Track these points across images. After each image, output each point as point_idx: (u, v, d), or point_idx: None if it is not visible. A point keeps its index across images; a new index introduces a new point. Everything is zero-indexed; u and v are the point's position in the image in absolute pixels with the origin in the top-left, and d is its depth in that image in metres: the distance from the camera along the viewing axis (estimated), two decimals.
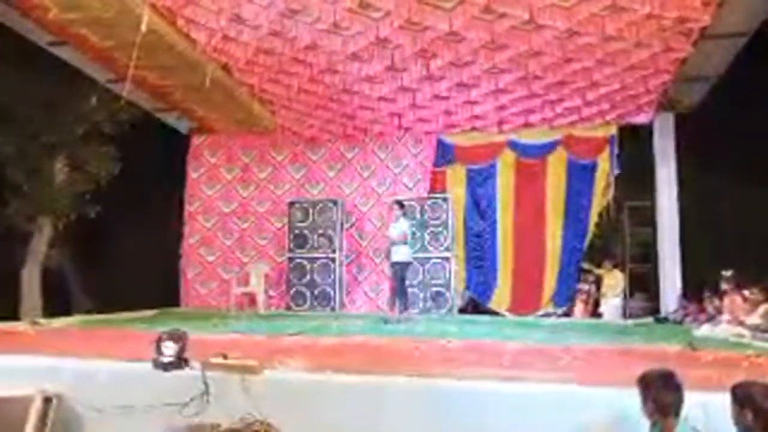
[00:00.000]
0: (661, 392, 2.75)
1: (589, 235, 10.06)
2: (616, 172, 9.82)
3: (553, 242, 10.09)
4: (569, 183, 10.08)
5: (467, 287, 10.33)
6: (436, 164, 10.44)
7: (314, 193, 10.67)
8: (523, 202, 10.24)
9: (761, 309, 6.55)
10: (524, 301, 10.02)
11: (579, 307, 9.94)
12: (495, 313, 9.94)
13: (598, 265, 10.22)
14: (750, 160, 11.02)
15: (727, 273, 7.47)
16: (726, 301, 7.30)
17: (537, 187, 10.18)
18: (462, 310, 10.03)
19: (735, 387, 2.69)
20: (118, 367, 4.07)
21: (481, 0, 6.29)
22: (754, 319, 6.52)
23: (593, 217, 10.03)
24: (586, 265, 10.06)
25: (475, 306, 10.32)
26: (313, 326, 7.13)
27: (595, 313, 9.94)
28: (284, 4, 6.59)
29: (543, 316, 9.72)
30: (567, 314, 9.89)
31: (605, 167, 9.94)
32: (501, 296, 10.18)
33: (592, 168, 9.99)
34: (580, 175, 10.04)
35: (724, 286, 7.40)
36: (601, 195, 10.01)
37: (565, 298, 9.98)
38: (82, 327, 7.01)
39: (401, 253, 8.21)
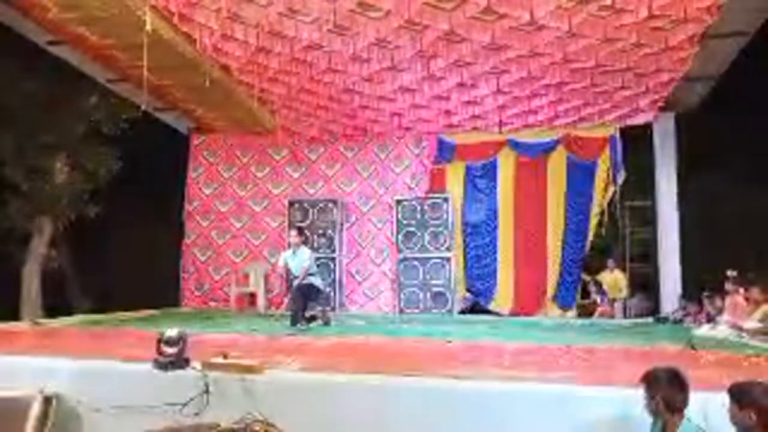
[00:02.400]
0: (670, 389, 2.76)
1: (590, 237, 10.03)
2: (623, 174, 9.79)
3: (554, 242, 10.07)
4: (569, 182, 10.06)
5: (468, 289, 10.31)
6: (437, 162, 10.43)
7: (312, 192, 10.67)
8: (524, 200, 10.20)
9: (760, 311, 6.54)
10: (526, 302, 10.00)
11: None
12: (496, 314, 9.93)
13: (599, 270, 10.19)
14: (750, 160, 11.04)
15: (733, 273, 7.45)
16: (728, 301, 7.29)
17: (537, 185, 10.15)
18: (462, 312, 10.01)
19: (735, 387, 2.69)
20: (118, 367, 4.06)
21: (481, 1, 6.29)
22: (754, 320, 6.51)
23: (593, 218, 10.00)
24: (587, 277, 10.01)
25: (476, 307, 10.30)
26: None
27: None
28: (284, 4, 6.59)
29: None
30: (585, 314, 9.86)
31: (605, 167, 9.92)
32: (502, 297, 10.16)
33: (592, 168, 9.98)
34: (580, 175, 10.02)
35: (728, 286, 7.38)
36: (601, 195, 9.99)
37: (566, 300, 9.95)
38: (82, 327, 7.01)
39: (307, 280, 7.17)
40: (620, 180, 9.80)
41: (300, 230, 7.86)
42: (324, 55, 7.62)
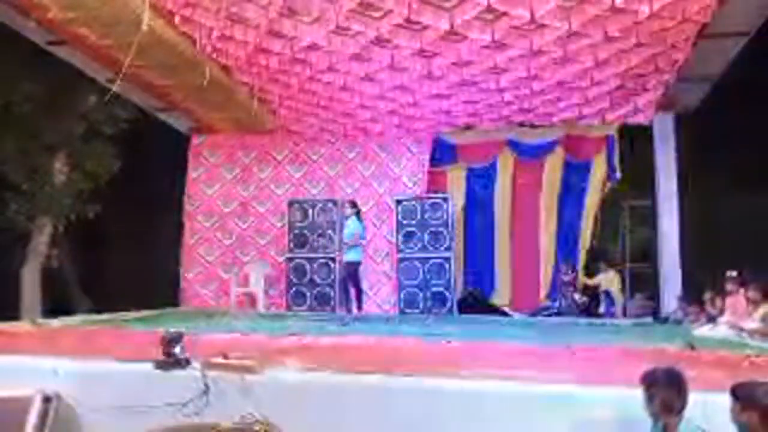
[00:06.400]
0: (669, 390, 2.75)
1: (587, 236, 10.05)
2: (618, 175, 9.85)
3: (546, 241, 10.15)
4: (564, 182, 10.17)
5: (466, 285, 10.36)
6: (437, 163, 10.47)
7: (315, 193, 10.67)
8: (520, 200, 10.33)
9: (759, 311, 6.55)
10: (523, 300, 10.09)
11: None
12: (496, 309, 9.96)
13: (591, 270, 10.21)
14: (750, 160, 11.02)
15: (733, 273, 7.45)
16: (729, 302, 7.29)
17: (533, 185, 10.26)
18: (462, 302, 10.02)
19: (737, 387, 2.67)
20: (118, 367, 4.06)
21: (482, 0, 6.28)
22: (755, 320, 6.52)
23: (589, 216, 10.04)
24: (588, 281, 10.01)
25: (475, 298, 10.32)
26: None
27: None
28: (283, 3, 6.58)
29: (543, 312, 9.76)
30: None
31: (601, 166, 9.97)
32: (501, 294, 10.23)
33: (587, 168, 10.04)
34: (575, 174, 10.14)
35: (729, 287, 7.38)
36: (596, 195, 10.03)
37: (556, 295, 10.01)
38: (82, 327, 7.00)
39: (352, 254, 8.16)
40: (616, 179, 9.86)
41: (353, 203, 8.54)
42: (324, 55, 7.62)
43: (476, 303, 10.17)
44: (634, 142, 10.31)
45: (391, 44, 7.32)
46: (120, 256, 13.37)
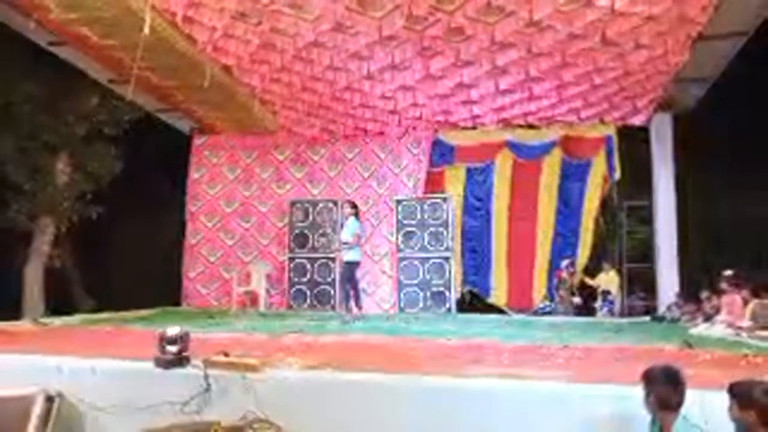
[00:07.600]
0: (665, 387, 2.77)
1: (585, 235, 10.09)
2: (617, 176, 9.88)
3: (543, 241, 10.18)
4: (562, 182, 10.19)
5: (464, 285, 10.40)
6: (435, 163, 10.49)
7: (316, 193, 10.70)
8: (518, 201, 10.35)
9: (749, 308, 6.59)
10: (521, 299, 10.14)
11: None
12: (495, 308, 9.99)
13: (595, 271, 10.25)
14: (747, 160, 11.05)
15: (728, 273, 7.48)
16: (725, 301, 7.32)
17: (531, 185, 10.27)
18: (461, 302, 10.04)
19: (734, 386, 2.68)
20: (120, 366, 4.08)
21: (482, 1, 6.31)
22: (747, 319, 6.56)
23: (587, 216, 10.07)
24: (589, 281, 10.03)
25: (474, 298, 10.34)
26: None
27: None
28: (285, 2, 6.61)
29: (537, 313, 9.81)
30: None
31: (600, 166, 10.00)
32: (498, 293, 10.26)
33: (586, 168, 10.07)
34: (573, 174, 10.16)
35: (724, 286, 7.41)
36: (595, 194, 10.06)
37: (554, 294, 10.06)
38: (84, 326, 7.03)
39: (351, 254, 8.16)
40: (615, 179, 9.90)
41: (353, 204, 8.49)
42: (325, 53, 7.64)
43: (475, 302, 10.21)
44: (633, 141, 10.34)
45: (392, 43, 7.34)
46: (122, 256, 13.38)
